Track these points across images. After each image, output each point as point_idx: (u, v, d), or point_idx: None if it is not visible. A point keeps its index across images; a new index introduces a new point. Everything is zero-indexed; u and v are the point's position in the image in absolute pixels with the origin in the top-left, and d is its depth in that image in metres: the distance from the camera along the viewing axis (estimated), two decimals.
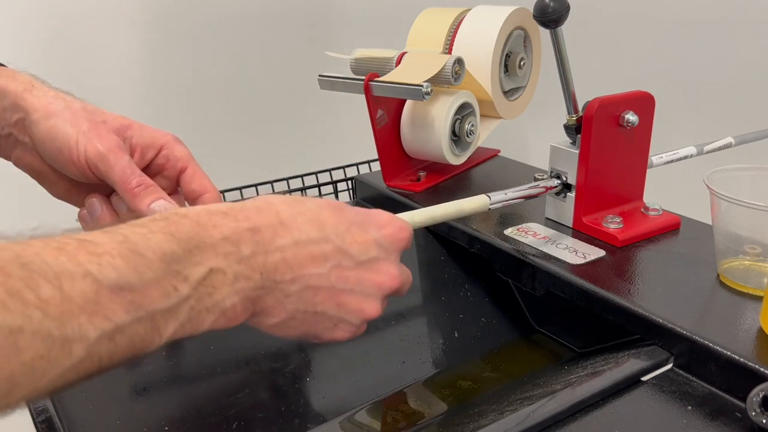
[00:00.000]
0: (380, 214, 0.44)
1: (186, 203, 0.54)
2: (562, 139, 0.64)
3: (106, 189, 0.50)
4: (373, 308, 0.43)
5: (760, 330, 0.47)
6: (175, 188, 0.54)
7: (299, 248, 0.39)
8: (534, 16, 0.56)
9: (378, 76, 0.73)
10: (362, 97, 0.73)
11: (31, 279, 0.28)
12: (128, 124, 0.51)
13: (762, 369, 0.43)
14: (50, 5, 1.01)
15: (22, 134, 0.48)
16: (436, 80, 0.73)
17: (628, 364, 0.48)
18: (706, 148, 0.67)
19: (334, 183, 0.84)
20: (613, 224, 0.62)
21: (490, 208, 0.58)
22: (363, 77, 0.72)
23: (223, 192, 0.78)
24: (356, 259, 0.41)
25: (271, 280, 0.38)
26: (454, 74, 0.73)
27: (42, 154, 0.48)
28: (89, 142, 0.47)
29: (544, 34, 0.69)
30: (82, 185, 0.51)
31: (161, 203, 0.48)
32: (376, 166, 0.85)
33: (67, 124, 0.47)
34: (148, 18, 1.12)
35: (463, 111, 0.77)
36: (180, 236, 0.34)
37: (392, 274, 0.43)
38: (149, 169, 0.52)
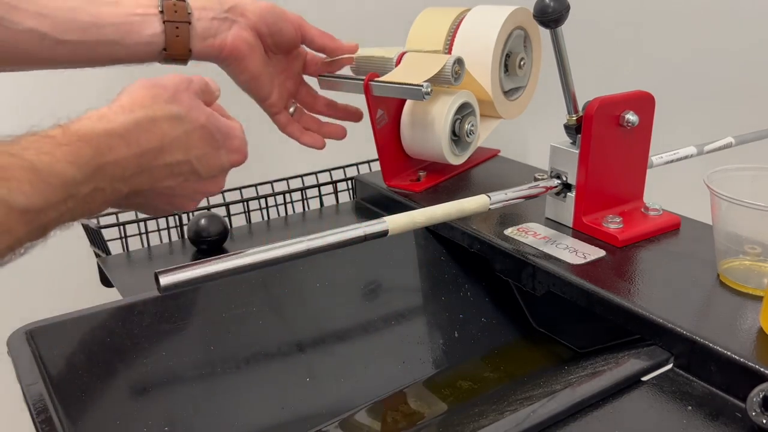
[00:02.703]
0: (234, 139, 0.54)
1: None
2: (562, 139, 0.64)
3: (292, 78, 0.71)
4: (192, 206, 0.54)
5: (760, 330, 0.47)
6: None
7: (166, 168, 0.48)
8: (534, 16, 0.56)
9: (378, 76, 0.72)
10: (362, 97, 0.73)
11: None
12: None
13: (762, 369, 0.43)
14: None
15: (236, 15, 0.62)
16: (436, 80, 0.73)
17: (628, 364, 0.48)
18: (706, 148, 0.67)
19: (334, 183, 0.84)
20: (613, 224, 0.62)
21: (490, 208, 0.58)
22: (363, 77, 0.72)
23: (222, 192, 0.78)
24: (202, 177, 0.51)
25: (134, 191, 0.47)
26: (454, 74, 0.73)
27: (265, 23, 0.64)
28: (290, 13, 0.66)
29: (544, 34, 0.69)
30: (272, 69, 0.68)
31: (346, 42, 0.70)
32: (376, 166, 0.85)
33: (270, 4, 0.64)
34: None
35: (463, 111, 0.77)
36: (80, 162, 0.40)
37: (220, 186, 0.55)
38: None
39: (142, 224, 0.73)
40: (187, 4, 0.60)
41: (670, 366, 0.48)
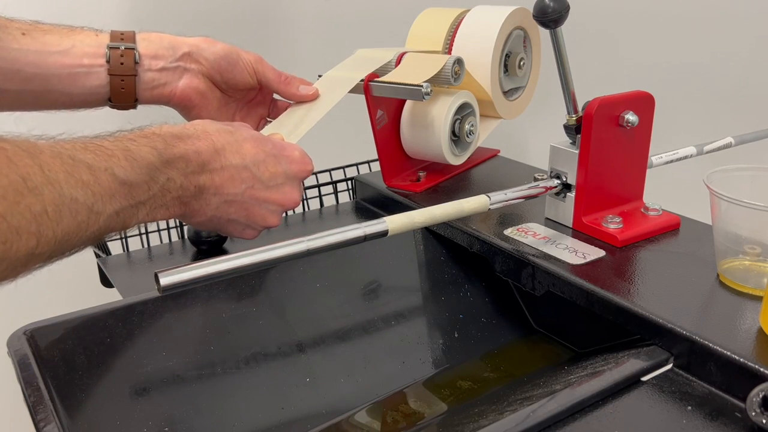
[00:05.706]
0: (293, 150, 0.57)
1: None
2: (562, 139, 0.64)
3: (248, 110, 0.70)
4: (274, 220, 0.56)
5: (760, 330, 0.47)
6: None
7: (224, 172, 0.51)
8: (534, 16, 0.56)
9: (378, 77, 0.73)
10: (362, 97, 0.73)
11: (76, 166, 0.40)
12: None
13: (762, 369, 0.43)
14: None
15: (189, 62, 0.63)
16: (436, 80, 0.73)
17: (628, 364, 0.48)
18: (706, 148, 0.67)
19: (334, 183, 0.84)
20: (612, 224, 0.62)
21: (490, 208, 0.58)
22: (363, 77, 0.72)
23: None
24: (266, 184, 0.54)
25: (200, 192, 0.50)
26: (453, 74, 0.73)
27: (218, 69, 0.64)
28: (246, 54, 0.65)
29: (544, 34, 0.69)
30: (230, 106, 0.67)
31: (304, 87, 0.67)
32: (376, 166, 0.85)
33: (227, 47, 0.64)
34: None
35: (463, 111, 0.77)
36: (156, 150, 0.46)
37: (293, 197, 0.56)
38: None
39: (141, 225, 0.73)
40: (135, 52, 0.60)
41: (669, 366, 0.48)
